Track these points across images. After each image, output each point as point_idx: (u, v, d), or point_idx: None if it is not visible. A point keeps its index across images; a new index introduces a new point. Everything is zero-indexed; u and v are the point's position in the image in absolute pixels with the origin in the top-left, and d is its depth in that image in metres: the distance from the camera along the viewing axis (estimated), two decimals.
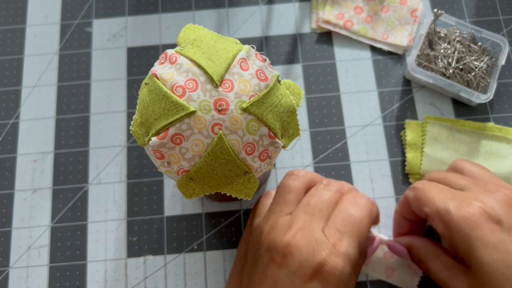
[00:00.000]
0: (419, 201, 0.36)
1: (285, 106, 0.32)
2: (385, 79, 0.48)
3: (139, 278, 0.43)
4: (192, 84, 0.30)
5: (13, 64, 0.49)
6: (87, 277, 0.43)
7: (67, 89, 0.49)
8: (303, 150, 0.46)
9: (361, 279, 0.42)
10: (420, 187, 0.37)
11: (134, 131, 0.32)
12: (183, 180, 0.31)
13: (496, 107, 0.47)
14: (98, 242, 0.44)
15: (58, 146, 0.47)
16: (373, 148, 0.46)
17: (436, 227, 0.35)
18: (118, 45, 0.50)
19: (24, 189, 0.45)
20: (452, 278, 0.34)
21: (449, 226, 0.34)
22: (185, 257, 0.43)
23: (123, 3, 0.51)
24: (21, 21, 0.51)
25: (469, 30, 0.47)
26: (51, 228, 0.44)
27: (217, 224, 0.44)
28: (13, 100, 0.48)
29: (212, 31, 0.33)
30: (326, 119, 0.47)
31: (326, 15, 0.49)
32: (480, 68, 0.45)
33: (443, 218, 0.34)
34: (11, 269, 0.43)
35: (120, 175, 0.46)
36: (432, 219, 0.35)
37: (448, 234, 0.34)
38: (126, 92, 0.48)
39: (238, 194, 0.32)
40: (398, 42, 0.48)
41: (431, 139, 0.45)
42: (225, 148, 0.30)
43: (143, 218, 0.44)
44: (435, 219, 0.35)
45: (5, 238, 0.44)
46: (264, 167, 0.32)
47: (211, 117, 0.29)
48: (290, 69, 0.49)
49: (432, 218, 0.35)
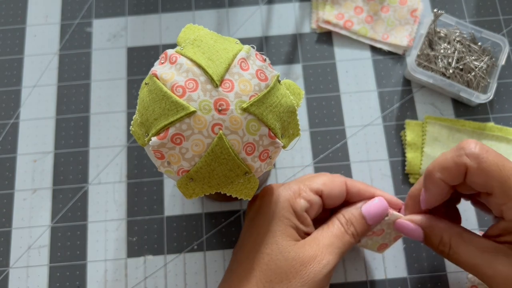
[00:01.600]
0: (488, 177, 0.33)
1: (285, 106, 0.32)
2: (385, 79, 0.48)
3: (139, 278, 0.43)
4: (192, 84, 0.30)
5: (13, 64, 0.49)
6: (87, 277, 0.43)
7: (67, 89, 0.49)
8: (303, 150, 0.46)
9: (361, 279, 0.42)
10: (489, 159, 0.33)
11: (134, 131, 0.32)
12: (183, 180, 0.31)
13: (496, 107, 0.47)
14: (98, 242, 0.44)
15: (58, 146, 0.47)
16: (373, 148, 0.46)
17: (505, 212, 0.33)
18: (118, 45, 0.50)
19: (24, 189, 0.45)
20: (491, 262, 0.33)
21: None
22: (185, 257, 0.43)
23: (123, 3, 0.51)
24: (21, 21, 0.51)
25: (469, 30, 0.47)
26: (51, 228, 0.44)
27: (217, 224, 0.44)
28: (13, 100, 0.48)
29: (212, 31, 0.33)
30: (326, 119, 0.47)
31: (326, 15, 0.49)
32: (480, 68, 0.45)
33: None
34: (11, 269, 0.43)
35: (120, 175, 0.46)
36: (502, 201, 0.33)
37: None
38: (126, 92, 0.48)
39: (238, 194, 0.32)
40: (398, 42, 0.48)
41: (431, 139, 0.45)
42: (225, 148, 0.30)
43: (143, 218, 0.44)
44: (508, 203, 0.32)
45: (5, 238, 0.44)
46: (264, 167, 0.32)
47: (211, 117, 0.29)
48: (290, 69, 0.49)
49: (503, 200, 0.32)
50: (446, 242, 0.35)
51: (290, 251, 0.35)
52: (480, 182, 0.33)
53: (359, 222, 0.37)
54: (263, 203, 0.38)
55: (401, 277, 0.42)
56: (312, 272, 0.34)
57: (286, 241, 0.35)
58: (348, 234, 0.36)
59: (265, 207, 0.37)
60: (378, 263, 0.43)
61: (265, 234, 0.36)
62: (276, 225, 0.36)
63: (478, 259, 0.34)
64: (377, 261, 0.43)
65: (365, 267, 0.42)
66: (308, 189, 0.37)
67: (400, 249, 0.43)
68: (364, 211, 0.37)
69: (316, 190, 0.37)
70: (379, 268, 0.42)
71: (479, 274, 0.34)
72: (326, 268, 0.35)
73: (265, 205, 0.37)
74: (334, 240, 0.36)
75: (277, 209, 0.37)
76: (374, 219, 0.37)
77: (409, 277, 0.42)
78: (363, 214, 0.37)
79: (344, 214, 0.37)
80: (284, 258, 0.35)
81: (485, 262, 0.33)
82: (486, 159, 0.33)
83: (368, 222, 0.37)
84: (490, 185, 0.33)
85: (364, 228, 0.37)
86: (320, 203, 0.37)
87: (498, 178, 0.33)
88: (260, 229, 0.37)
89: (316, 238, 0.36)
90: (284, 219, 0.36)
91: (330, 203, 0.38)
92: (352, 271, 0.42)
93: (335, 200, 0.38)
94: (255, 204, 0.38)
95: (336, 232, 0.36)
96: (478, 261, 0.34)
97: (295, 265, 0.34)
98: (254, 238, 0.37)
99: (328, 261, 0.35)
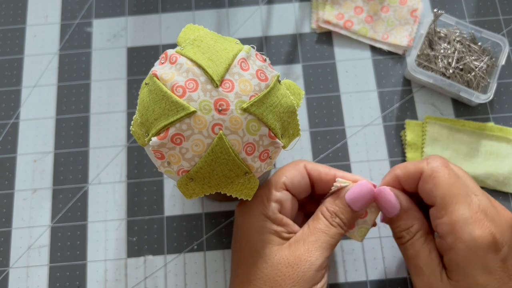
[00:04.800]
0: (435, 186, 0.34)
1: (285, 106, 0.32)
2: (385, 79, 0.48)
3: (139, 278, 0.43)
4: (192, 84, 0.30)
5: (13, 64, 0.49)
6: (87, 277, 0.43)
7: (67, 89, 0.49)
8: (303, 150, 0.46)
9: (361, 279, 0.42)
10: (444, 172, 0.35)
11: (134, 131, 0.32)
12: (183, 180, 0.31)
13: (496, 107, 0.47)
14: (98, 242, 0.44)
15: (58, 146, 0.47)
16: (373, 148, 0.46)
17: (438, 226, 0.34)
18: (118, 45, 0.50)
19: (24, 189, 0.45)
20: (430, 275, 0.34)
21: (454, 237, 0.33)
22: (185, 257, 0.43)
23: (123, 3, 0.51)
24: (21, 21, 0.51)
25: (469, 30, 0.47)
26: (51, 228, 0.44)
27: (217, 224, 0.44)
28: (13, 100, 0.48)
29: (212, 31, 0.33)
30: (326, 119, 0.47)
31: (326, 15, 0.49)
32: (480, 68, 0.45)
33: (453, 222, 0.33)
34: (11, 269, 0.43)
35: (120, 175, 0.46)
36: (438, 215, 0.34)
37: (451, 240, 0.33)
38: (126, 92, 0.48)
39: (238, 194, 0.32)
40: (398, 42, 0.48)
41: (431, 139, 0.45)
42: (225, 148, 0.30)
43: (143, 218, 0.44)
44: (443, 217, 0.34)
45: (5, 238, 0.44)
46: (264, 167, 0.32)
47: (211, 117, 0.29)
48: (290, 69, 0.49)
49: (439, 213, 0.34)
50: (412, 232, 0.36)
51: (274, 256, 0.35)
52: (427, 189, 0.35)
53: (344, 211, 0.36)
54: (237, 223, 0.38)
55: (401, 277, 0.42)
56: (301, 271, 0.34)
57: (268, 249, 0.35)
58: (334, 226, 0.36)
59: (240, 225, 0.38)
60: (378, 263, 0.43)
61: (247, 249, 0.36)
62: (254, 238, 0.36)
63: (423, 264, 0.35)
64: (377, 261, 0.43)
65: (365, 267, 0.42)
66: (273, 189, 0.37)
67: None
68: (348, 199, 0.36)
69: (281, 186, 0.37)
70: (379, 268, 0.42)
71: (414, 274, 0.35)
72: (315, 265, 0.34)
73: (240, 224, 0.38)
74: (320, 235, 0.35)
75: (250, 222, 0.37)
76: (360, 204, 0.36)
77: (409, 277, 0.42)
78: (347, 202, 0.36)
79: (328, 207, 0.37)
80: (269, 265, 0.35)
81: (426, 271, 0.34)
82: (442, 171, 0.35)
83: (354, 209, 0.36)
84: (434, 195, 0.34)
85: (351, 216, 0.36)
86: (289, 197, 0.37)
87: (443, 190, 0.34)
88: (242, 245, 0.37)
89: (301, 236, 0.36)
90: (261, 229, 0.36)
91: (297, 192, 0.38)
92: (352, 271, 0.42)
93: (301, 187, 0.37)
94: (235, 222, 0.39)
95: (320, 226, 0.36)
96: (421, 266, 0.35)
97: (281, 269, 0.34)
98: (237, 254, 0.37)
99: (316, 258, 0.34)
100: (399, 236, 0.36)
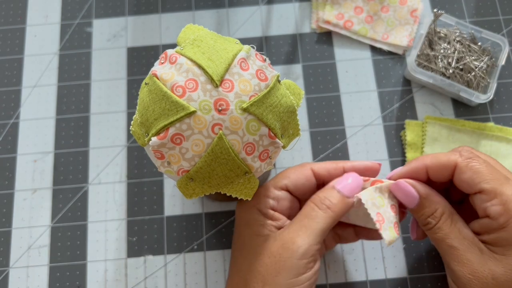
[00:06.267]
0: (476, 174, 0.34)
1: (285, 106, 0.32)
2: (385, 79, 0.48)
3: (139, 278, 0.43)
4: (192, 84, 0.30)
5: (13, 64, 0.49)
6: (87, 277, 0.43)
7: (67, 89, 0.49)
8: (303, 150, 0.46)
9: (361, 279, 0.42)
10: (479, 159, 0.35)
11: (134, 131, 0.32)
12: (183, 180, 0.31)
13: (496, 107, 0.47)
14: (98, 242, 0.44)
15: (58, 146, 0.47)
16: (373, 148, 0.46)
17: (488, 208, 0.34)
18: (118, 45, 0.50)
19: (24, 189, 0.45)
20: (466, 250, 0.34)
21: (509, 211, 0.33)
22: (185, 257, 0.43)
23: (123, 3, 0.51)
24: (21, 21, 0.51)
25: (469, 30, 0.47)
26: (51, 228, 0.44)
27: (217, 224, 0.44)
28: (13, 100, 0.48)
29: (212, 31, 0.33)
30: (326, 119, 0.47)
31: (326, 15, 0.49)
32: (480, 68, 0.45)
33: (505, 203, 0.33)
34: (11, 269, 0.43)
35: (120, 175, 0.46)
36: (487, 198, 0.34)
37: (504, 219, 0.33)
38: (126, 92, 0.48)
39: (238, 194, 0.32)
40: (398, 42, 0.48)
41: (431, 139, 0.45)
42: (225, 148, 0.30)
43: (143, 218, 0.44)
44: (493, 200, 0.34)
45: (5, 238, 0.44)
46: (264, 167, 0.32)
47: (211, 117, 0.29)
48: (290, 69, 0.49)
49: (489, 197, 0.34)
50: (437, 216, 0.35)
51: (258, 247, 0.35)
52: (466, 179, 0.35)
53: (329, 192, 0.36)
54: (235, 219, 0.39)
55: (401, 277, 0.42)
56: (282, 260, 0.34)
57: (255, 240, 0.36)
58: (321, 209, 0.35)
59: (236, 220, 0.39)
60: (378, 263, 0.43)
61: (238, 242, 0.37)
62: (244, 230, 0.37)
63: (456, 242, 0.34)
64: (377, 261, 0.43)
65: (365, 267, 0.42)
66: (271, 188, 0.37)
67: (400, 249, 0.43)
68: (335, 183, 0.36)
69: (281, 187, 0.37)
70: (379, 268, 0.42)
71: (449, 256, 0.35)
72: (297, 253, 0.33)
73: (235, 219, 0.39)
74: (305, 221, 0.35)
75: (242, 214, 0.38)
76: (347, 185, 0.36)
77: (409, 277, 0.42)
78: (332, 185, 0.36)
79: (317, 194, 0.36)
80: (253, 256, 0.35)
81: (461, 248, 0.34)
82: (477, 160, 0.35)
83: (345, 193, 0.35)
84: (476, 182, 0.34)
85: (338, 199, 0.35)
86: (288, 197, 0.38)
87: (485, 176, 0.34)
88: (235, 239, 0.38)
89: (287, 227, 0.36)
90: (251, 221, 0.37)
91: (301, 193, 0.38)
92: (352, 271, 0.42)
93: (305, 189, 0.38)
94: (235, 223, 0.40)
95: (305, 212, 0.35)
96: (455, 244, 0.34)
97: (264, 259, 0.34)
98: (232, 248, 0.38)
99: (299, 245, 0.33)
100: (426, 223, 0.36)
